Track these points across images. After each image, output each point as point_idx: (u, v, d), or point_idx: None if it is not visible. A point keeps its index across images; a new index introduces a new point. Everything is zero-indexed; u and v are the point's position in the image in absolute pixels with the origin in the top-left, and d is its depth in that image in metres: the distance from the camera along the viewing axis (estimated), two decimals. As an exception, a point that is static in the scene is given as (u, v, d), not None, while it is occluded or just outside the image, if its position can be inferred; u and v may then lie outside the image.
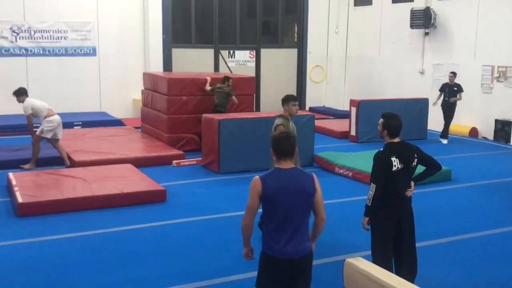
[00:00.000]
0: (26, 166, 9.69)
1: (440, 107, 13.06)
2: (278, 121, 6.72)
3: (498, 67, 13.34)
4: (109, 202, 7.70)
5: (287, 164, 3.77)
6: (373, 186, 4.69)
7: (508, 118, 12.94)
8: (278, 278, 3.73)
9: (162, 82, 11.98)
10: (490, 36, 13.45)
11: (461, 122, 14.06)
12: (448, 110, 12.89)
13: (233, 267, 5.68)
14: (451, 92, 12.76)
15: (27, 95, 9.80)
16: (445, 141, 12.87)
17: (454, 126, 14.15)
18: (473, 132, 13.86)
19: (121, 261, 5.92)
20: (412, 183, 4.90)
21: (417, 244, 5.17)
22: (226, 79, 11.57)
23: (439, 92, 13.05)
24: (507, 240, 6.67)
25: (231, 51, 17.47)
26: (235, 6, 17.39)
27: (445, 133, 12.97)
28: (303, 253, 3.71)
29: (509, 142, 12.77)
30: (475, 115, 13.91)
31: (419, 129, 13.30)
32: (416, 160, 4.84)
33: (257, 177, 3.75)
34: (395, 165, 4.70)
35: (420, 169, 5.02)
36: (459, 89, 12.82)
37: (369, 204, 4.72)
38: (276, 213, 3.69)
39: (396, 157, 4.72)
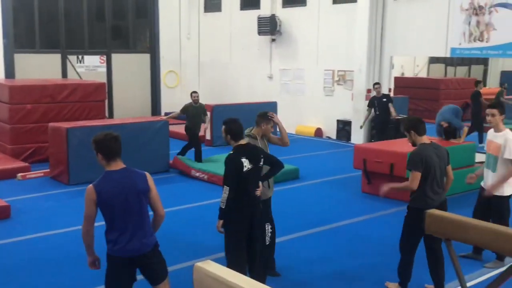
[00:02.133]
0: None
1: (371, 125, 12.00)
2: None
3: (338, 71, 14.41)
4: None
5: (118, 165, 3.87)
6: (226, 188, 4.82)
7: (348, 118, 14.03)
8: (123, 276, 3.87)
9: (3, 90, 11.20)
10: (330, 42, 14.48)
11: (307, 123, 14.94)
12: (383, 127, 11.91)
13: (86, 281, 5.50)
14: (381, 105, 11.88)
15: None
16: None
17: (300, 127, 15.02)
18: (318, 132, 14.82)
19: (-41, 286, 5.45)
20: (260, 183, 5.15)
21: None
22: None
23: (367, 109, 12.14)
24: (354, 230, 7.25)
25: (80, 56, 16.80)
26: (83, 9, 16.75)
27: None
28: (146, 250, 3.87)
29: (350, 140, 13.84)
30: (319, 116, 14.88)
31: (269, 131, 13.87)
32: (262, 160, 5.10)
33: (90, 186, 3.81)
34: (245, 166, 4.90)
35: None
36: (389, 99, 12.00)
37: (223, 207, 4.85)
38: (115, 216, 3.80)
39: (245, 158, 4.93)
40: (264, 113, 5.83)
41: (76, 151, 9.36)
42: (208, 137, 13.39)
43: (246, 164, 4.92)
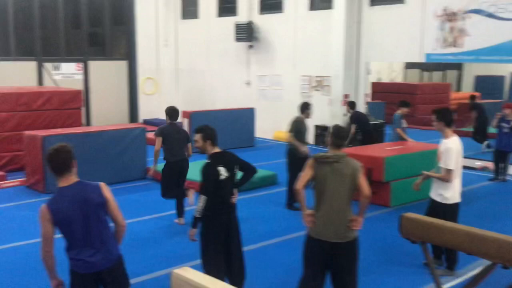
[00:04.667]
0: None
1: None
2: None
3: (316, 77, 14.51)
4: None
5: (68, 180, 3.68)
6: (203, 198, 4.75)
7: (326, 123, 14.11)
8: None
9: (-24, 98, 11.02)
10: (307, 48, 14.58)
11: (285, 129, 14.98)
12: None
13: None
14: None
15: None
16: None
17: (278, 133, 15.07)
18: (297, 137, 14.85)
19: None
20: (235, 190, 5.14)
21: (247, 248, 5.43)
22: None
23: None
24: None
25: (56, 64, 16.64)
26: (59, 16, 16.61)
27: None
28: (109, 264, 3.73)
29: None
30: (297, 122, 14.90)
31: (247, 137, 13.92)
32: (237, 166, 5.08)
33: (43, 205, 3.65)
34: (222, 174, 4.88)
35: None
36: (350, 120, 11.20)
37: (199, 216, 4.79)
38: (74, 233, 3.65)
39: (222, 166, 4.90)
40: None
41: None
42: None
43: (223, 172, 4.88)
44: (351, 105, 11.53)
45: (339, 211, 4.46)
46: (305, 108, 8.73)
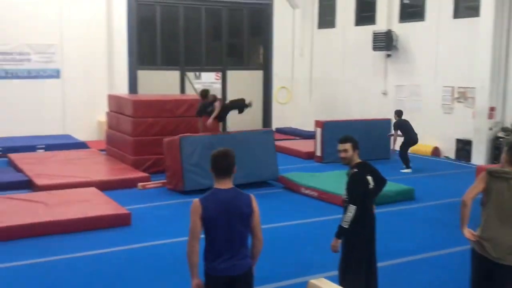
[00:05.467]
0: None
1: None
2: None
3: (458, 87, 13.72)
4: (72, 227, 7.54)
5: (226, 184, 3.78)
6: (353, 208, 4.62)
7: (469, 137, 13.28)
8: None
9: (127, 104, 11.91)
10: (449, 58, 13.84)
11: (424, 142, 14.33)
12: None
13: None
14: None
15: None
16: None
17: (416, 146, 14.42)
18: (435, 151, 14.17)
19: (86, 287, 5.79)
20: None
21: (380, 264, 5.22)
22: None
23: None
24: (467, 259, 6.78)
25: (197, 73, 17.53)
26: (201, 28, 17.51)
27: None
28: (243, 270, 3.76)
29: (470, 160, 13.07)
30: (436, 134, 14.21)
31: (382, 149, 13.47)
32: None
33: (196, 199, 3.76)
34: (370, 183, 4.77)
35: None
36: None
37: (347, 227, 4.65)
38: (217, 234, 3.72)
39: (370, 175, 4.79)
40: None
41: (189, 162, 9.64)
42: (318, 153, 13.28)
43: (371, 181, 4.78)
44: (398, 113, 12.46)
45: None
46: None
